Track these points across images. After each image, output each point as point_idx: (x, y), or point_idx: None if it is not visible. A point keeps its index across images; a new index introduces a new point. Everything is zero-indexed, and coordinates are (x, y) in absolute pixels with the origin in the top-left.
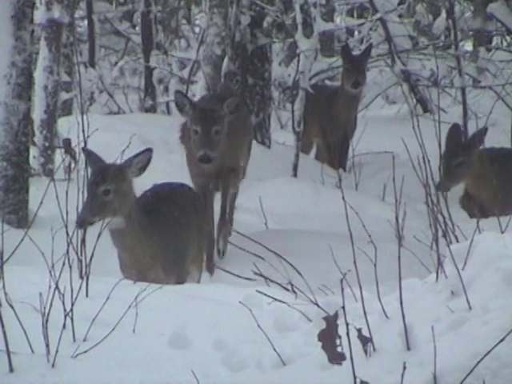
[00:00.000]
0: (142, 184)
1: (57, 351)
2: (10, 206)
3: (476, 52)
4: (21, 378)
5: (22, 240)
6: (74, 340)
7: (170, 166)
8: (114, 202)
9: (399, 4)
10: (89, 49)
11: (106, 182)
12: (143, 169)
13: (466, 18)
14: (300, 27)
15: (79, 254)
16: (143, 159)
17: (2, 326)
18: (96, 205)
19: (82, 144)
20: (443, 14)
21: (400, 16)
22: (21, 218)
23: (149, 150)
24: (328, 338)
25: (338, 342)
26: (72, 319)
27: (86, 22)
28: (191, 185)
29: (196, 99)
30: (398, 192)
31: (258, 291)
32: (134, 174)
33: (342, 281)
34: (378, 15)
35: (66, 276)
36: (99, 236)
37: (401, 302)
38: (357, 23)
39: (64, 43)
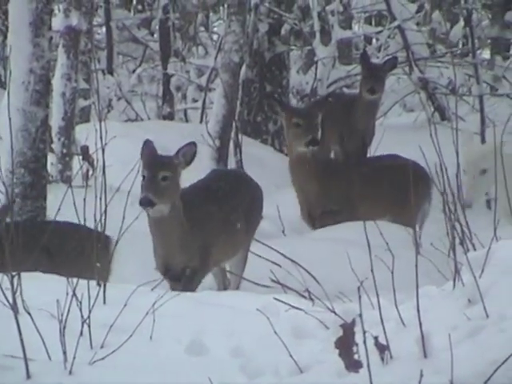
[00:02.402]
0: None
1: (74, 358)
2: (27, 212)
3: (493, 60)
4: None
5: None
6: (92, 347)
7: (188, 173)
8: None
9: (417, 12)
10: (107, 56)
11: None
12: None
13: (484, 25)
14: (318, 35)
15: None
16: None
17: (20, 333)
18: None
19: (100, 151)
20: (461, 22)
21: (418, 24)
22: None
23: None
24: (345, 345)
25: (354, 349)
26: (89, 326)
27: (104, 29)
28: None
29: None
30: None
31: (275, 298)
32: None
33: (359, 288)
34: (396, 23)
35: (83, 283)
36: (117, 242)
37: (418, 310)
38: (375, 31)
39: (82, 50)
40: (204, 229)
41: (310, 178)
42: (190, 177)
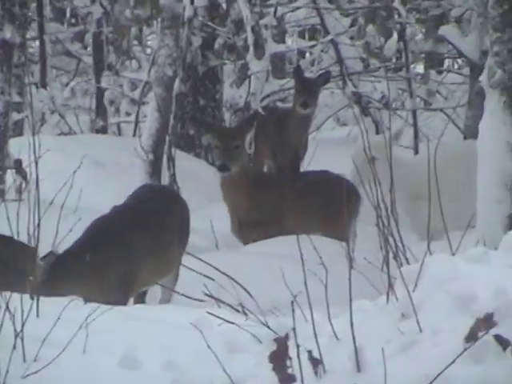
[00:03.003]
0: (96, 204)
1: (7, 371)
2: None
3: (427, 74)
4: None
5: None
6: (25, 360)
7: (121, 186)
8: None
9: (351, 26)
10: (40, 69)
11: None
12: None
13: (418, 40)
14: (251, 49)
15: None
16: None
17: None
18: None
19: (34, 165)
20: (395, 36)
21: (351, 38)
22: None
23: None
24: (278, 359)
25: (288, 363)
26: (22, 339)
27: (37, 42)
28: None
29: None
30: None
31: (208, 312)
32: None
33: (292, 302)
34: (330, 37)
35: (16, 296)
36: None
37: (351, 324)
38: (308, 45)
39: (15, 64)
40: (122, 258)
41: (240, 193)
42: (124, 191)
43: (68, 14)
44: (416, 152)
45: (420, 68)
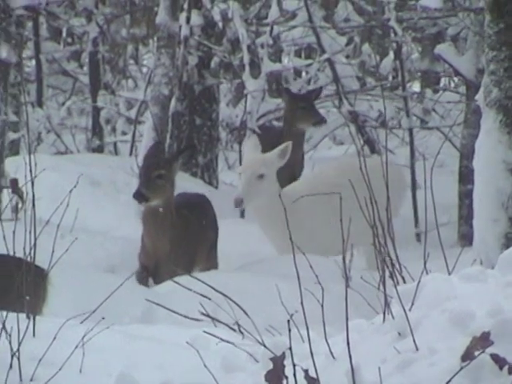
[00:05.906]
0: (93, 223)
1: None
2: None
3: (423, 93)
4: None
5: None
6: (21, 380)
7: (118, 206)
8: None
9: (347, 45)
10: (36, 89)
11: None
12: None
13: (414, 58)
14: (247, 68)
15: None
16: None
17: None
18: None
19: (30, 184)
20: (391, 55)
21: (347, 57)
22: None
23: None
24: (275, 378)
25: (284, 382)
26: (19, 359)
27: (33, 61)
28: None
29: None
30: (346, 232)
31: (204, 332)
32: None
33: (288, 321)
34: (326, 56)
35: (12, 316)
36: (46, 275)
37: (348, 343)
38: (304, 64)
39: (12, 83)
40: None
41: (163, 229)
42: (121, 211)
43: (64, 33)
44: (412, 171)
45: (416, 87)
